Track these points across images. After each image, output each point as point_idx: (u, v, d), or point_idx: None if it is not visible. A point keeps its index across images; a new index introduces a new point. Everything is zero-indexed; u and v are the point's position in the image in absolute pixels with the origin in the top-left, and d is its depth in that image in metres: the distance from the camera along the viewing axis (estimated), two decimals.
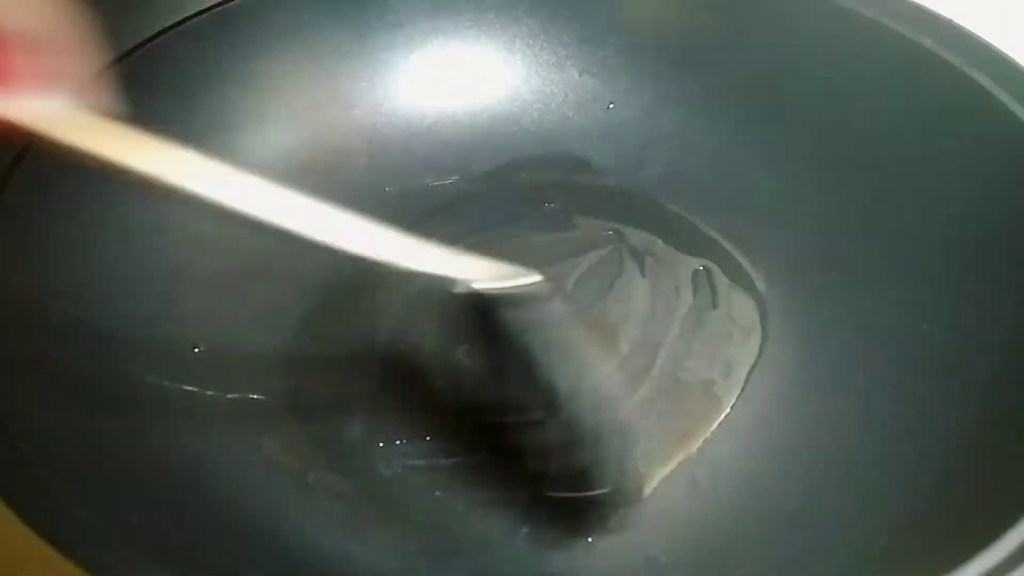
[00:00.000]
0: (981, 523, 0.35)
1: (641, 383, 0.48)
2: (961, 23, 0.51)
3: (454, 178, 0.58)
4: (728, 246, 0.54)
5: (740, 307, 0.52)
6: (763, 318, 0.51)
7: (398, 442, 0.45)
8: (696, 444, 0.45)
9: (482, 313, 0.38)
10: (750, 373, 0.48)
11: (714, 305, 0.52)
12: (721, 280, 0.53)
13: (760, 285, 0.52)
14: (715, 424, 0.46)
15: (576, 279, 0.53)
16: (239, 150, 0.54)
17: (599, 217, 0.56)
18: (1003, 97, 0.47)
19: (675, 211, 0.56)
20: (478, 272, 0.38)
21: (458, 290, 0.37)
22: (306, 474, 0.44)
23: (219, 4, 0.53)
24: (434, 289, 0.37)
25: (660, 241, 0.55)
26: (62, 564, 0.33)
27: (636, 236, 0.55)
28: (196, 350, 0.48)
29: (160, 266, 0.49)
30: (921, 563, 0.37)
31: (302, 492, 0.43)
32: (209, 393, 0.46)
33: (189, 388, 0.46)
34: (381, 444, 0.45)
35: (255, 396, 0.47)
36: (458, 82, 0.59)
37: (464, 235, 0.55)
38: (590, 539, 0.42)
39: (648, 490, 0.44)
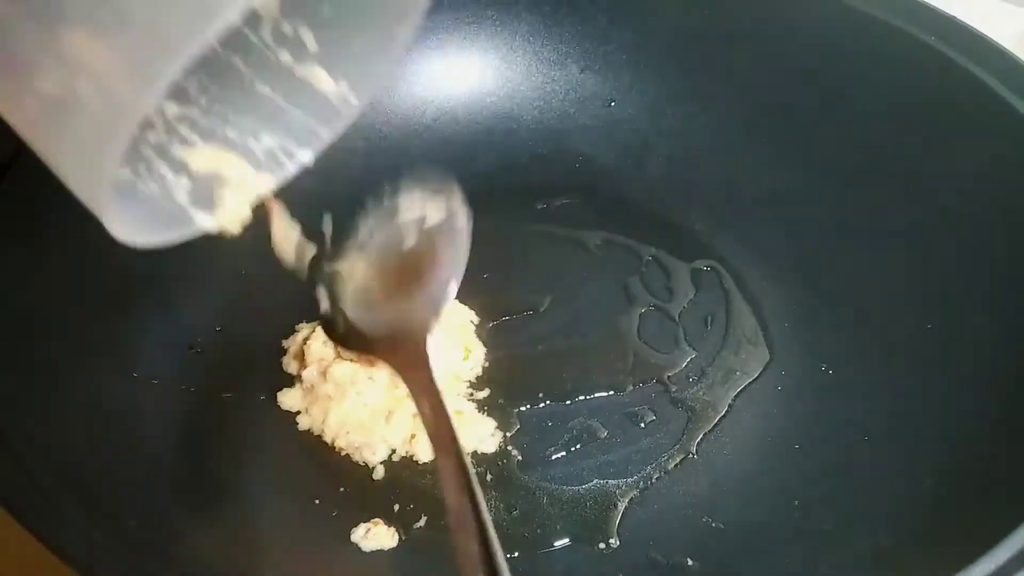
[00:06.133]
0: (985, 526, 0.35)
1: (643, 382, 0.48)
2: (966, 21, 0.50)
3: (454, 176, 0.57)
4: (731, 245, 0.54)
5: (741, 307, 0.51)
6: (766, 318, 0.51)
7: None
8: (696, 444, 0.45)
9: None
10: (753, 373, 0.48)
11: (716, 305, 0.51)
12: (724, 280, 0.53)
13: (763, 284, 0.52)
14: (714, 422, 0.46)
15: (578, 280, 0.53)
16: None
17: (600, 216, 0.56)
18: (1011, 98, 0.46)
19: (677, 210, 0.56)
20: None
21: None
22: (307, 475, 0.44)
23: None
24: None
25: (662, 240, 0.54)
26: (61, 569, 0.33)
27: (638, 235, 0.55)
28: (194, 351, 0.47)
29: (159, 266, 0.49)
30: (924, 565, 0.37)
31: (304, 495, 0.43)
32: (207, 394, 0.46)
33: (187, 388, 0.46)
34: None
35: (254, 397, 0.47)
36: (457, 80, 0.59)
37: None
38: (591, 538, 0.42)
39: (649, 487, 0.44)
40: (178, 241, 0.35)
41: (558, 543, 0.42)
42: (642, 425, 0.46)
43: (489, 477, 0.44)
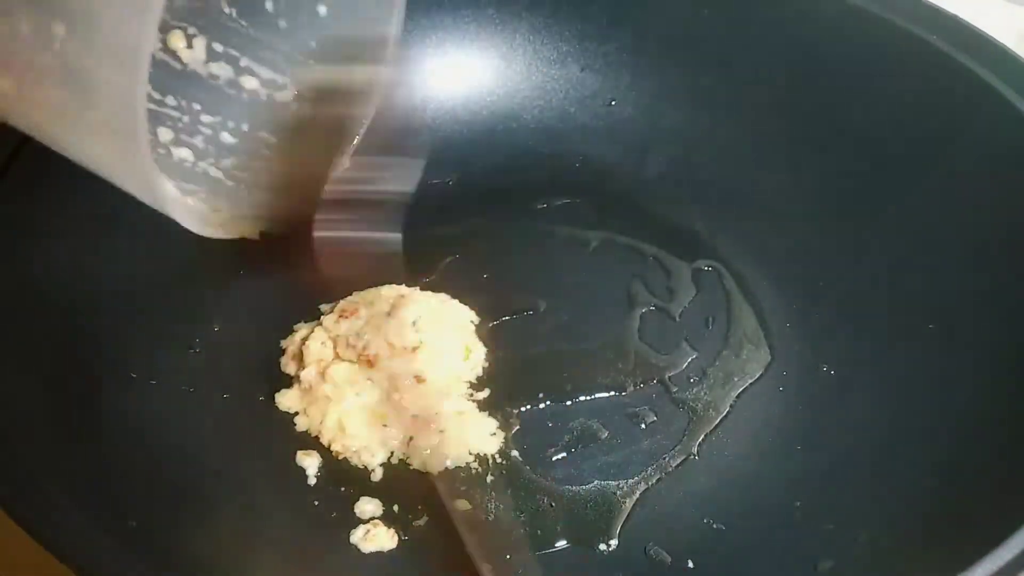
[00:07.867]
0: (987, 526, 0.35)
1: (644, 382, 0.48)
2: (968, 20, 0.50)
3: (453, 176, 0.57)
4: (732, 246, 0.54)
5: (742, 307, 0.51)
6: (768, 318, 0.50)
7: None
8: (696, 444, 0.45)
9: None
10: (754, 374, 0.48)
11: (717, 305, 0.51)
12: (725, 280, 0.52)
13: (764, 284, 0.52)
14: (715, 423, 0.46)
15: (579, 280, 0.53)
16: None
17: (601, 216, 0.56)
18: (1013, 98, 0.46)
19: (678, 210, 0.56)
20: None
21: None
22: (305, 476, 0.44)
23: None
24: None
25: (663, 240, 0.54)
26: (61, 569, 0.33)
27: (639, 235, 0.55)
28: (193, 351, 0.47)
29: (158, 267, 0.48)
30: (925, 566, 0.36)
31: (302, 497, 0.43)
32: (206, 394, 0.46)
33: (186, 389, 0.46)
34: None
35: (252, 397, 0.47)
36: (458, 79, 0.59)
37: (463, 233, 0.55)
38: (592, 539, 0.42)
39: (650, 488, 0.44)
40: None
41: (558, 544, 0.41)
42: (643, 426, 0.46)
43: (490, 478, 0.44)
